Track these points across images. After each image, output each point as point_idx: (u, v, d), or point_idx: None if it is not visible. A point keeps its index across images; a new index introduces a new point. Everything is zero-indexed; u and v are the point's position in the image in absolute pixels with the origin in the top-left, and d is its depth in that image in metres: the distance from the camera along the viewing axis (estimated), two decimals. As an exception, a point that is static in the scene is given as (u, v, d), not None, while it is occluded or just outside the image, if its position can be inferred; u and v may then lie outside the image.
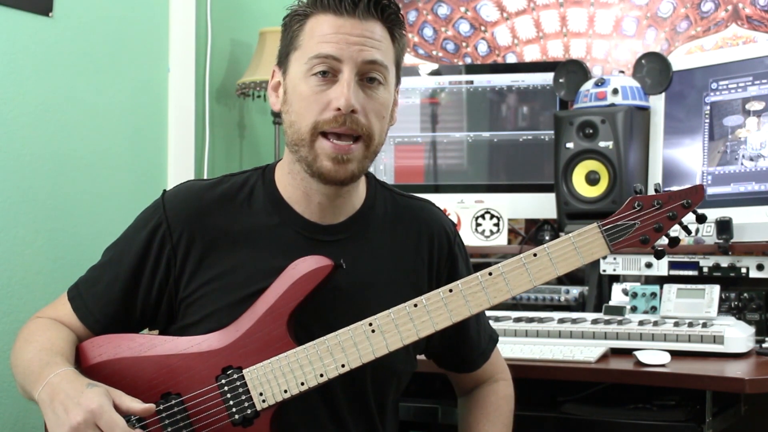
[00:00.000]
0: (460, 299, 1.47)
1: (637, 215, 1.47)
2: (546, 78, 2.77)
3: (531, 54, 3.05)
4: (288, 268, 1.50)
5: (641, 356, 1.97)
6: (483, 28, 3.12)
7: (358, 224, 1.62)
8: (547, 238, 2.71)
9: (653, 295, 2.29)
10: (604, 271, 2.45)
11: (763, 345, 2.10)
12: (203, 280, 1.57)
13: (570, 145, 2.52)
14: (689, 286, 2.21)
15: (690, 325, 2.07)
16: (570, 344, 2.08)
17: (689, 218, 1.49)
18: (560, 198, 2.54)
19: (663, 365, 1.94)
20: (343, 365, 1.47)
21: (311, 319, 1.52)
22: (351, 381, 1.52)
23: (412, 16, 3.21)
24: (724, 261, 2.30)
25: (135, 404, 1.41)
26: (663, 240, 1.49)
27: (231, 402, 1.48)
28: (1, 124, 2.21)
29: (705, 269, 2.32)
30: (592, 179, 2.50)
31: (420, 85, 2.91)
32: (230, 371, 1.49)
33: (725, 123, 2.43)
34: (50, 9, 2.33)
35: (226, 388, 1.48)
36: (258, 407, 1.48)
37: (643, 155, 2.54)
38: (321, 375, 1.47)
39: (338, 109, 1.50)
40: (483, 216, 2.73)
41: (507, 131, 2.84)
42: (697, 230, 2.33)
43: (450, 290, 1.47)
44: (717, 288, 2.19)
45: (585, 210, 2.49)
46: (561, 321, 2.18)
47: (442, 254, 1.68)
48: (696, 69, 2.50)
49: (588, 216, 2.46)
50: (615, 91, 2.51)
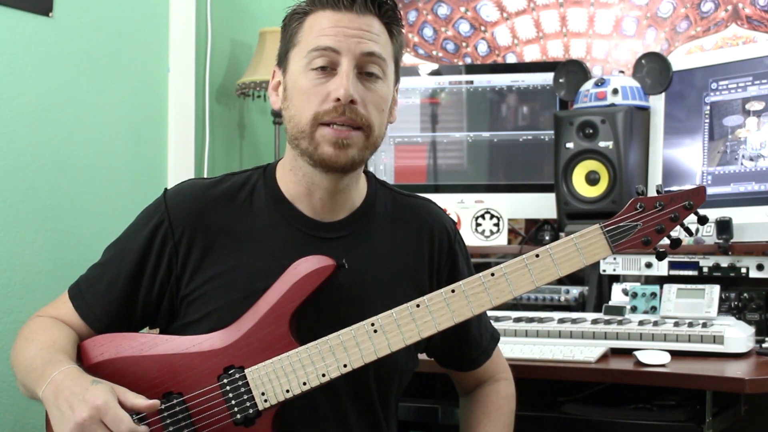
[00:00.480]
0: (463, 300, 1.47)
1: (639, 216, 1.47)
2: (546, 78, 2.77)
3: (531, 54, 3.05)
4: (290, 268, 1.50)
5: (641, 356, 1.97)
6: (483, 28, 3.12)
7: (359, 221, 1.63)
8: (547, 238, 2.71)
9: (653, 295, 2.29)
10: (604, 271, 2.45)
11: (763, 345, 2.10)
12: (205, 278, 1.57)
13: (570, 145, 2.52)
14: (689, 286, 2.21)
15: (690, 325, 2.07)
16: (570, 344, 2.08)
17: (690, 219, 1.49)
18: (560, 198, 2.54)
19: (663, 365, 1.93)
20: (345, 365, 1.47)
21: (312, 317, 1.52)
22: (355, 379, 1.52)
23: (412, 16, 3.21)
24: (724, 261, 2.30)
25: (139, 400, 1.41)
26: (664, 241, 1.49)
27: (233, 401, 1.48)
28: (1, 124, 2.21)
29: (705, 269, 2.32)
30: (592, 179, 2.50)
31: (420, 85, 2.91)
32: (232, 371, 1.49)
33: (725, 123, 2.43)
34: (50, 9, 2.33)
35: (228, 388, 1.48)
36: (260, 407, 1.48)
37: (643, 155, 2.54)
38: (323, 375, 1.47)
39: (337, 100, 1.50)
40: (483, 216, 2.73)
41: (507, 131, 2.84)
42: (697, 230, 2.33)
43: (452, 290, 1.48)
44: (717, 288, 2.19)
45: (585, 210, 2.49)
46: (561, 321, 2.18)
47: (443, 252, 1.69)
48: (696, 69, 2.50)
49: (588, 216, 2.47)
50: (615, 91, 2.51)
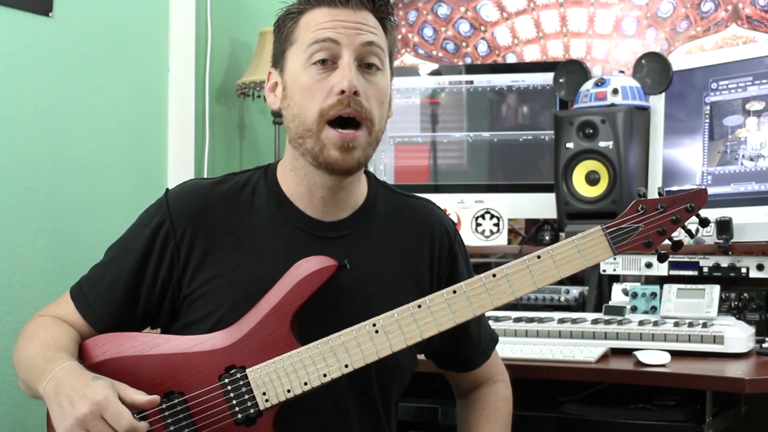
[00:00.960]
0: (464, 300, 1.47)
1: (641, 218, 1.47)
2: (546, 78, 2.77)
3: (531, 54, 3.05)
4: (292, 268, 1.50)
5: (641, 356, 1.97)
6: (483, 28, 3.12)
7: (360, 221, 1.63)
8: (547, 238, 2.71)
9: (653, 295, 2.29)
10: (604, 271, 2.45)
11: (763, 345, 2.10)
12: (206, 278, 1.57)
13: (570, 145, 2.52)
14: (689, 286, 2.21)
15: (690, 325, 2.07)
16: (570, 344, 2.08)
17: (691, 220, 1.50)
18: (560, 198, 2.54)
19: (663, 365, 1.94)
20: (347, 365, 1.47)
21: (314, 317, 1.52)
22: (356, 378, 1.52)
23: (412, 16, 3.21)
24: (724, 261, 2.30)
25: (139, 396, 1.41)
26: (665, 242, 1.49)
27: (234, 401, 1.48)
28: (1, 124, 2.21)
29: (705, 269, 2.32)
30: (592, 179, 2.50)
31: (420, 85, 2.91)
32: (233, 370, 1.49)
33: (725, 123, 2.43)
34: (50, 9, 2.33)
35: (229, 388, 1.48)
36: (261, 407, 1.48)
37: (643, 155, 2.54)
38: (324, 375, 1.47)
39: (341, 92, 1.50)
40: (483, 216, 2.73)
41: (507, 131, 2.84)
42: (698, 230, 2.33)
43: (454, 291, 1.48)
44: (717, 288, 2.19)
45: (585, 210, 2.49)
46: (561, 321, 2.18)
47: (443, 252, 1.69)
48: (696, 69, 2.51)
49: (588, 216, 2.47)
50: (615, 91, 2.51)
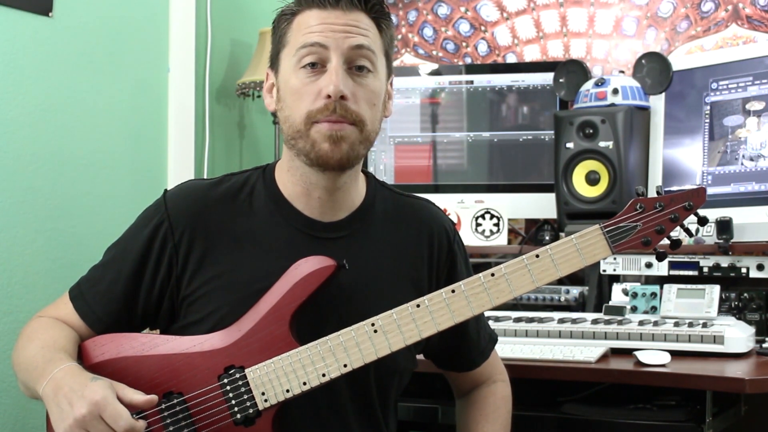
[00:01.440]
0: (463, 300, 1.47)
1: (639, 217, 1.47)
2: (546, 78, 2.77)
3: (531, 54, 3.05)
4: (291, 268, 1.50)
5: (641, 356, 1.97)
6: (483, 28, 3.12)
7: (359, 221, 1.63)
8: (547, 238, 2.71)
9: (653, 295, 2.29)
10: (604, 271, 2.45)
11: (763, 345, 2.10)
12: (205, 279, 1.57)
13: (570, 145, 2.52)
14: (689, 286, 2.21)
15: (690, 325, 2.07)
16: (570, 344, 2.08)
17: (690, 219, 1.50)
18: (560, 198, 2.54)
19: (663, 365, 1.93)
20: (346, 365, 1.47)
21: (313, 317, 1.52)
22: (355, 378, 1.52)
23: (412, 16, 3.21)
24: (724, 261, 2.30)
25: (137, 396, 1.41)
26: (664, 241, 1.49)
27: (233, 401, 1.48)
28: (1, 124, 2.21)
29: (705, 269, 2.32)
30: (592, 179, 2.50)
31: (420, 85, 2.91)
32: (232, 370, 1.49)
33: (725, 123, 2.43)
34: (50, 9, 2.33)
35: (228, 388, 1.48)
36: (260, 407, 1.48)
37: (643, 155, 2.54)
38: (323, 375, 1.47)
39: (328, 97, 1.50)
40: (483, 216, 2.73)
41: (507, 131, 2.84)
42: (697, 230, 2.33)
43: (452, 291, 1.48)
44: (717, 288, 2.19)
45: (585, 210, 2.49)
46: (561, 321, 2.18)
47: (442, 253, 1.69)
48: (696, 69, 2.50)
49: (588, 216, 2.47)
50: (615, 91, 2.51)
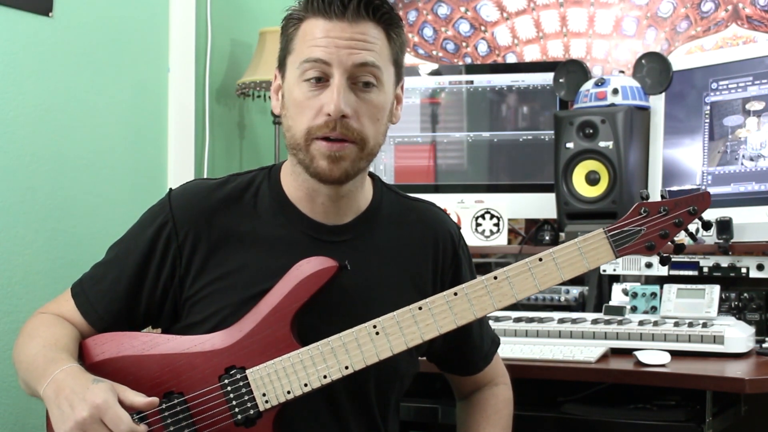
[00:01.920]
0: (465, 303, 1.47)
1: (644, 221, 1.47)
2: (546, 78, 2.77)
3: (531, 54, 3.05)
4: (292, 269, 1.50)
5: (641, 356, 1.97)
6: (483, 28, 3.12)
7: (364, 225, 1.62)
8: (547, 238, 2.71)
9: (653, 295, 2.29)
10: (604, 271, 2.45)
11: (763, 345, 2.10)
12: (208, 279, 1.56)
13: (570, 145, 2.52)
14: (689, 286, 2.21)
15: (690, 325, 2.07)
16: (570, 344, 2.08)
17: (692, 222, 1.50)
18: (560, 198, 2.54)
19: (663, 365, 1.94)
20: (347, 367, 1.47)
21: (315, 319, 1.52)
22: (354, 382, 1.52)
23: (412, 16, 3.21)
24: (724, 261, 2.30)
25: (138, 398, 1.41)
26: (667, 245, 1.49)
27: (234, 402, 1.48)
28: (1, 124, 2.21)
29: (705, 269, 2.32)
30: (592, 179, 2.50)
31: (420, 85, 2.91)
32: (233, 371, 1.48)
33: (725, 123, 2.43)
34: (50, 9, 2.33)
35: (229, 388, 1.48)
36: (261, 407, 1.47)
37: (643, 155, 2.54)
38: (324, 376, 1.47)
39: (329, 115, 1.49)
40: (483, 216, 2.73)
41: (507, 131, 2.84)
42: (697, 230, 2.33)
43: (455, 294, 1.47)
44: (717, 288, 2.19)
45: (585, 210, 2.49)
46: (561, 321, 2.19)
47: (447, 257, 1.68)
48: (696, 69, 2.50)
49: (588, 216, 2.47)
50: (615, 91, 2.51)
